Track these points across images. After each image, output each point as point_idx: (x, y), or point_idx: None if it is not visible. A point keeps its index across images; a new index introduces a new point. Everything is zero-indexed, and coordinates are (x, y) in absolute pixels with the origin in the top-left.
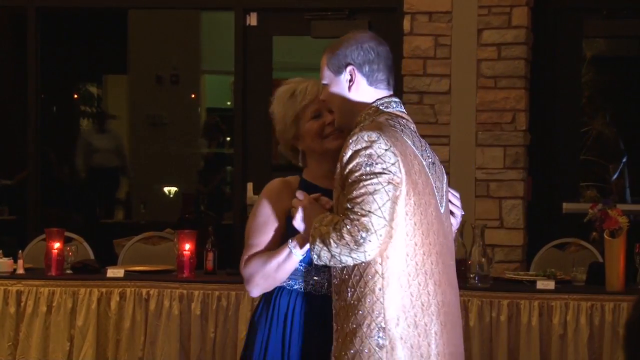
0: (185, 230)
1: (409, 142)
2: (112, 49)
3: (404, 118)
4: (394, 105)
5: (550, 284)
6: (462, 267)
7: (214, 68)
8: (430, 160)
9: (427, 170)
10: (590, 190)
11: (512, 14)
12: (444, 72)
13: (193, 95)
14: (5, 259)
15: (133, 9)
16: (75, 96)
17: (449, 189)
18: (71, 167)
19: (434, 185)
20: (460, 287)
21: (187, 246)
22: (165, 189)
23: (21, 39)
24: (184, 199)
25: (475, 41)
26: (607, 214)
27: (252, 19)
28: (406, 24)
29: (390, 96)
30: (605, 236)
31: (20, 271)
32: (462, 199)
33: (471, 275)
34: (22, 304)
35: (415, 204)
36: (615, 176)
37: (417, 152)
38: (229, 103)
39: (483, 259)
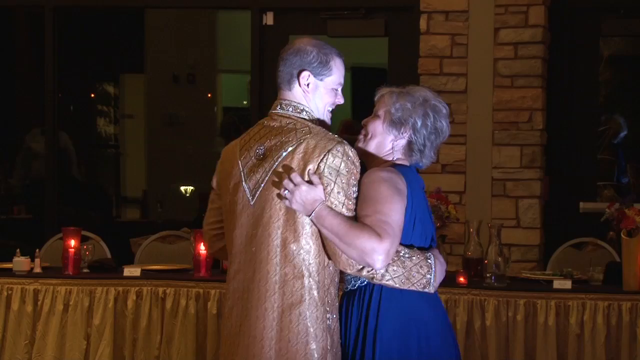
0: (201, 229)
1: (238, 146)
2: (128, 48)
3: (267, 119)
4: (273, 109)
5: (567, 284)
6: (479, 267)
7: (231, 67)
8: (257, 156)
9: (241, 169)
10: (608, 190)
11: (529, 12)
12: (460, 71)
13: (209, 95)
14: (22, 258)
15: (150, 8)
16: (92, 95)
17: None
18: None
19: (244, 182)
20: (477, 287)
21: (204, 245)
22: (182, 188)
23: (38, 38)
24: (201, 198)
25: (492, 40)
26: (624, 214)
27: (269, 19)
28: (423, 23)
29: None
30: (623, 236)
31: (38, 270)
32: (478, 198)
33: (488, 275)
34: (39, 303)
35: (225, 203)
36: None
37: (238, 155)
38: (245, 102)
39: (500, 259)
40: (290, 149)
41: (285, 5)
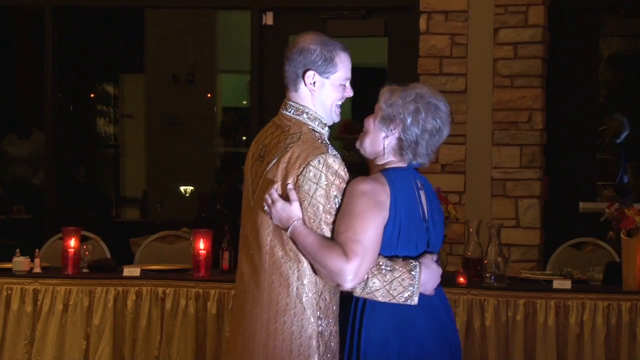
0: (201, 229)
1: (254, 141)
2: (128, 48)
3: (276, 117)
4: (280, 108)
5: (567, 284)
6: (479, 267)
7: (230, 67)
8: (259, 156)
9: (250, 167)
10: (607, 190)
11: (529, 12)
12: (460, 71)
13: (209, 95)
14: (22, 258)
15: (149, 9)
16: (92, 95)
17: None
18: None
19: (250, 182)
20: (477, 287)
21: (203, 245)
22: (182, 188)
23: (38, 38)
24: (200, 198)
25: (492, 40)
26: (624, 214)
27: (268, 18)
28: (422, 23)
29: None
30: (622, 235)
31: (37, 270)
32: (478, 198)
33: (487, 275)
34: (39, 303)
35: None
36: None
37: (252, 151)
38: (245, 102)
39: (499, 259)
40: (277, 156)
41: (285, 5)
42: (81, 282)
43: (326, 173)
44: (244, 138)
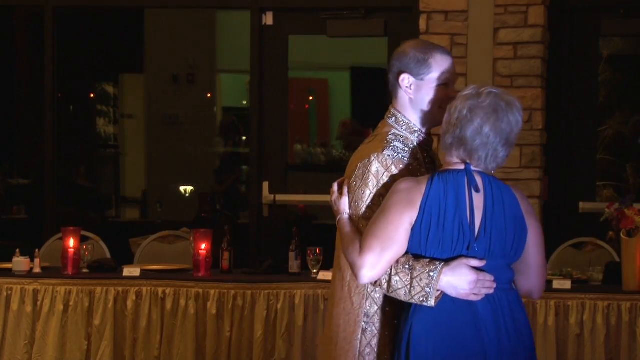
0: (201, 229)
1: None
2: (128, 48)
3: None
4: None
5: (567, 284)
6: None
7: (230, 67)
8: None
9: None
10: (607, 190)
11: (529, 12)
12: (460, 71)
13: (209, 95)
14: (22, 258)
15: (149, 9)
16: (92, 95)
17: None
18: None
19: None
20: None
21: (203, 245)
22: (182, 188)
23: (38, 38)
24: (200, 198)
25: (492, 40)
26: (624, 214)
27: (268, 19)
28: (422, 23)
29: None
30: (622, 236)
31: (37, 270)
32: None
33: None
34: (39, 303)
35: None
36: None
37: None
38: (244, 102)
39: None
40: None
41: (285, 5)
42: (81, 282)
43: (373, 171)
44: (244, 138)
